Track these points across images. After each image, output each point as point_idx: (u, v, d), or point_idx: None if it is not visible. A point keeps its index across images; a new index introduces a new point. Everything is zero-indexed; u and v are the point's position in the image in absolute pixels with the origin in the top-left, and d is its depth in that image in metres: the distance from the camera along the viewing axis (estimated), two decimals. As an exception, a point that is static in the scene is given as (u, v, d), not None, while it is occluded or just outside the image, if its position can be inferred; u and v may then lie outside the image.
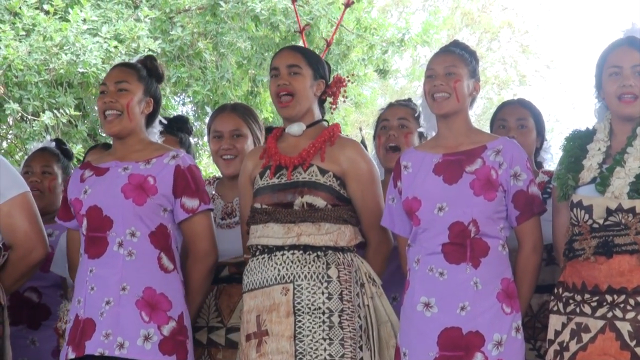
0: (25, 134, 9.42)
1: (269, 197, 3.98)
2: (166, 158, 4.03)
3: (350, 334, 3.85)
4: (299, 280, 3.88)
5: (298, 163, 3.98)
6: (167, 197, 3.99)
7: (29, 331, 4.80)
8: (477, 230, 3.77)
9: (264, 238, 3.95)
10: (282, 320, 3.86)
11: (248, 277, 3.98)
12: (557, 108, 29.01)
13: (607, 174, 3.64)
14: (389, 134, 4.59)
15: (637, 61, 3.68)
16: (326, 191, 3.94)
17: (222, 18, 9.99)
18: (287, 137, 4.09)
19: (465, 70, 3.90)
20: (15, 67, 8.91)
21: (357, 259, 3.97)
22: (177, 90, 10.56)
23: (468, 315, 3.73)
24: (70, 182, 4.13)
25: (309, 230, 3.91)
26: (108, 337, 3.85)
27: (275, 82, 4.03)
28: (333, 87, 4.15)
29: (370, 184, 4.01)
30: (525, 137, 4.49)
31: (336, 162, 3.98)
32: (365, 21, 10.79)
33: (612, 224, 3.60)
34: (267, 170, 4.02)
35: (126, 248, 3.92)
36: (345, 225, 3.95)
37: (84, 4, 9.27)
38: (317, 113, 4.10)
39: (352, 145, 4.05)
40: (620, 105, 3.71)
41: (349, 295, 3.89)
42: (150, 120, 4.16)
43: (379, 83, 16.57)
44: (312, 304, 3.86)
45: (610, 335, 3.55)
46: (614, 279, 3.57)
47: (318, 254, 3.91)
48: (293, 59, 4.06)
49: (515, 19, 22.13)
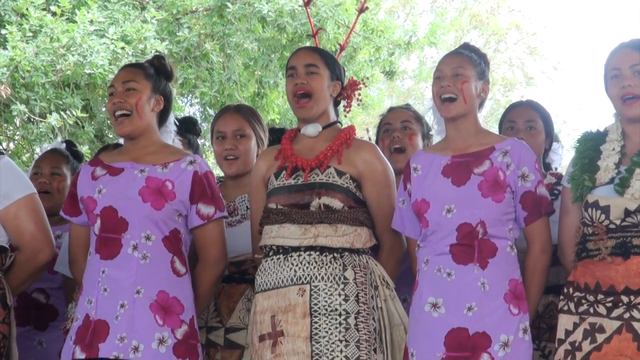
0: (32, 135, 9.43)
1: (285, 197, 3.97)
2: (183, 163, 4.02)
3: (366, 336, 3.85)
4: (315, 282, 3.88)
5: (315, 165, 3.97)
6: (184, 203, 3.99)
7: (36, 332, 4.80)
8: (484, 232, 3.77)
9: (279, 238, 3.94)
10: (298, 321, 3.86)
11: (262, 277, 3.97)
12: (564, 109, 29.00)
13: (627, 175, 3.63)
14: (392, 136, 4.60)
15: (635, 61, 3.69)
16: (343, 193, 3.94)
17: (229, 19, 9.99)
18: (302, 138, 4.08)
19: (473, 72, 3.90)
20: (22, 68, 8.92)
21: (371, 261, 3.97)
22: (184, 92, 10.56)
23: (475, 315, 3.73)
24: (80, 179, 4.11)
25: (326, 232, 3.90)
26: (123, 340, 3.84)
27: (292, 82, 4.02)
28: (348, 89, 4.14)
29: (385, 186, 4.01)
30: (534, 139, 4.49)
31: (353, 164, 3.98)
32: (372, 23, 10.78)
33: (630, 224, 3.59)
34: (283, 171, 4.01)
35: (141, 251, 3.91)
36: (362, 227, 3.95)
37: (90, 5, 9.28)
38: (333, 115, 4.10)
39: (368, 147, 4.05)
40: (623, 108, 3.72)
41: (364, 297, 3.88)
42: (162, 119, 4.15)
43: (386, 84, 16.59)
44: (329, 306, 3.85)
45: (627, 336, 3.55)
46: (631, 279, 3.57)
47: (335, 255, 3.90)
48: (311, 59, 4.05)
49: (522, 21, 22.14)
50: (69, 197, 4.17)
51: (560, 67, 22.67)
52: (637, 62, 3.68)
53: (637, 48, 3.71)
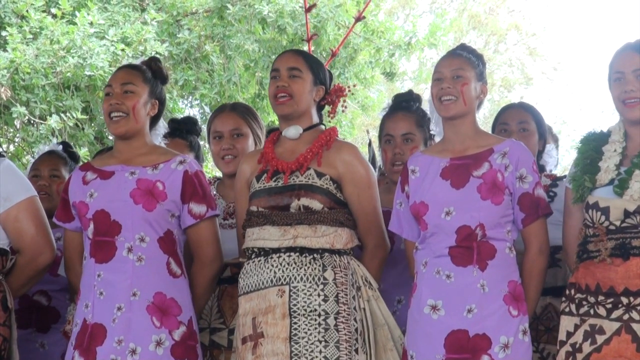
0: (32, 137, 9.44)
1: (266, 200, 3.97)
2: (173, 163, 4.03)
3: (346, 337, 3.84)
4: (294, 282, 3.87)
5: (295, 168, 3.97)
6: (176, 203, 4.00)
7: (38, 334, 4.80)
8: (483, 234, 3.77)
9: (260, 240, 3.94)
10: (277, 322, 3.85)
11: (244, 280, 3.97)
12: (564, 110, 29.01)
13: (626, 177, 3.64)
14: (394, 152, 4.50)
15: (638, 65, 3.69)
16: (323, 194, 3.93)
17: (229, 21, 10.00)
18: (284, 141, 4.07)
19: (472, 73, 3.90)
20: (23, 70, 8.93)
21: (353, 262, 3.96)
22: (185, 93, 10.56)
23: (475, 317, 3.73)
24: (72, 184, 4.11)
25: (305, 233, 3.90)
26: (120, 343, 3.85)
27: (275, 84, 4.02)
28: (332, 95, 4.13)
29: (366, 187, 3.99)
30: (527, 141, 4.46)
31: (333, 165, 3.97)
32: (372, 24, 10.79)
33: (629, 226, 3.60)
34: (264, 174, 4.01)
35: (136, 253, 3.92)
36: (342, 228, 3.95)
37: (91, 7, 9.29)
38: (315, 118, 4.08)
39: (348, 148, 4.04)
40: (625, 110, 3.73)
41: (345, 297, 3.88)
42: (153, 122, 4.15)
43: (386, 86, 16.57)
44: (308, 306, 3.85)
45: (627, 337, 3.55)
46: (631, 281, 3.57)
47: (314, 256, 3.90)
48: (294, 62, 4.05)
49: (522, 22, 22.14)
50: (61, 203, 4.17)
51: (560, 67, 22.69)
52: (639, 66, 3.69)
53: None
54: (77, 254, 4.12)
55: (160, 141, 4.21)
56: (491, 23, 21.80)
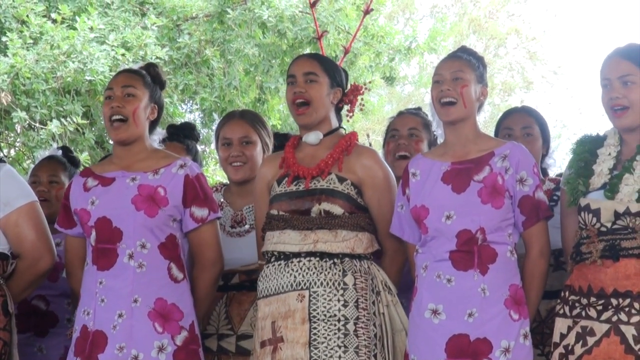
0: (32, 142, 9.43)
1: (287, 204, 3.98)
2: (174, 167, 4.02)
3: (365, 342, 3.85)
4: (314, 287, 3.88)
5: (316, 174, 3.98)
6: (178, 208, 4.00)
7: (36, 339, 4.79)
8: (484, 238, 3.77)
9: (280, 244, 3.94)
10: (297, 326, 3.86)
11: (263, 284, 3.98)
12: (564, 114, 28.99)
13: (617, 181, 3.64)
14: (398, 143, 4.59)
15: (624, 72, 3.69)
16: (344, 199, 3.94)
17: (230, 25, 9.99)
18: (305, 146, 4.08)
19: (472, 76, 3.90)
20: (23, 75, 8.92)
21: (373, 267, 3.97)
22: (185, 98, 10.55)
23: (476, 321, 3.73)
24: (72, 190, 4.11)
25: (325, 237, 3.90)
26: (122, 350, 3.85)
27: (292, 90, 4.03)
28: (350, 95, 4.14)
29: (386, 191, 4.01)
30: (531, 145, 4.47)
31: (353, 170, 3.98)
32: (372, 28, 10.78)
33: (620, 227, 3.60)
34: (285, 178, 4.02)
35: (137, 260, 3.92)
36: (362, 232, 3.95)
37: (91, 12, 9.29)
38: (334, 121, 4.10)
39: (369, 153, 4.06)
40: (614, 119, 3.74)
41: (364, 303, 3.88)
42: (152, 127, 4.15)
43: (386, 90, 16.59)
44: (328, 311, 3.85)
45: (615, 339, 3.56)
46: (619, 282, 3.58)
47: (334, 261, 3.90)
48: (310, 67, 4.05)
49: (522, 26, 22.14)
50: (62, 209, 4.17)
51: (560, 71, 22.67)
52: (625, 72, 3.69)
53: (627, 57, 3.71)
54: (78, 260, 4.12)
55: (157, 146, 4.20)
56: (491, 27, 21.81)
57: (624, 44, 3.78)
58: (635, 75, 3.67)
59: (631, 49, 3.73)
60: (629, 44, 3.77)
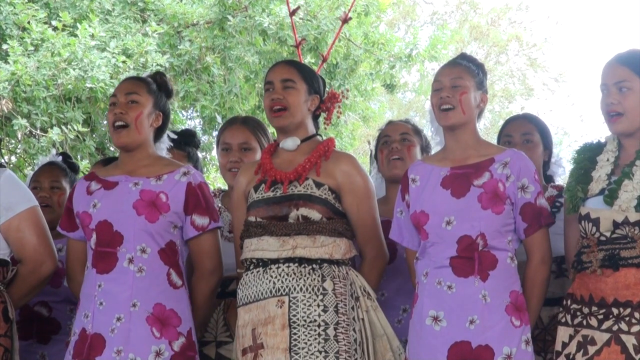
0: (33, 149, 9.45)
1: (264, 210, 3.96)
2: (177, 174, 4.03)
3: (346, 347, 3.83)
4: (294, 293, 3.87)
5: (294, 178, 3.96)
6: (179, 215, 4.00)
7: (39, 346, 4.79)
8: (485, 244, 3.77)
9: (258, 251, 3.93)
10: (277, 332, 3.84)
11: (242, 291, 3.97)
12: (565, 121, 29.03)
13: (616, 186, 3.64)
14: (391, 147, 4.58)
15: (620, 78, 3.69)
16: (321, 204, 3.92)
17: (230, 32, 10.02)
18: (282, 152, 4.07)
19: (472, 82, 3.90)
20: (24, 82, 8.95)
21: (352, 273, 3.96)
22: (185, 105, 10.58)
23: (477, 329, 3.72)
24: (76, 194, 4.12)
25: (304, 243, 3.89)
26: (119, 353, 3.85)
27: (270, 96, 4.02)
28: (327, 102, 4.13)
29: (365, 197, 3.99)
30: (531, 152, 4.47)
31: (331, 175, 3.97)
32: (373, 36, 10.81)
33: (619, 236, 3.60)
34: (262, 184, 4.01)
35: (136, 264, 3.92)
36: (341, 238, 3.94)
37: (92, 19, 9.31)
38: (311, 128, 4.09)
39: (347, 159, 4.04)
40: (610, 124, 3.74)
41: (344, 308, 3.87)
42: (158, 135, 4.16)
43: (387, 97, 16.60)
44: (308, 317, 3.84)
45: (616, 348, 3.55)
46: (619, 292, 3.58)
47: (313, 266, 3.89)
48: (287, 74, 4.05)
49: (523, 33, 22.17)
50: (65, 212, 4.19)
51: (562, 78, 22.69)
52: (621, 78, 3.69)
53: (625, 63, 3.71)
54: (79, 264, 4.12)
55: (165, 155, 4.21)
56: (492, 34, 21.84)
57: (625, 50, 3.78)
58: (631, 82, 3.68)
59: (630, 55, 3.73)
60: (630, 50, 3.77)
